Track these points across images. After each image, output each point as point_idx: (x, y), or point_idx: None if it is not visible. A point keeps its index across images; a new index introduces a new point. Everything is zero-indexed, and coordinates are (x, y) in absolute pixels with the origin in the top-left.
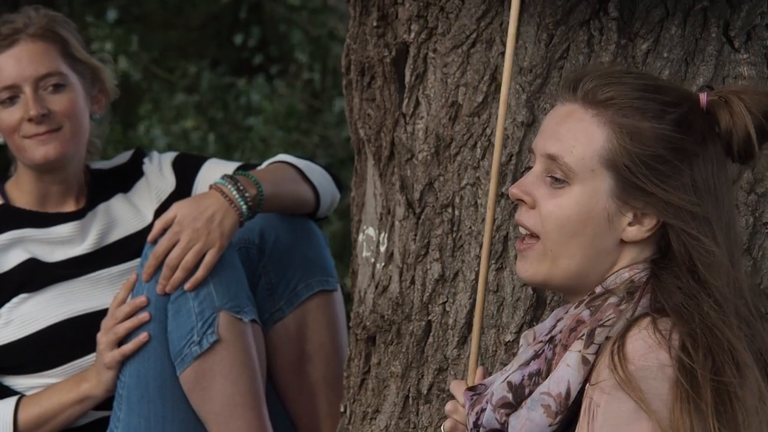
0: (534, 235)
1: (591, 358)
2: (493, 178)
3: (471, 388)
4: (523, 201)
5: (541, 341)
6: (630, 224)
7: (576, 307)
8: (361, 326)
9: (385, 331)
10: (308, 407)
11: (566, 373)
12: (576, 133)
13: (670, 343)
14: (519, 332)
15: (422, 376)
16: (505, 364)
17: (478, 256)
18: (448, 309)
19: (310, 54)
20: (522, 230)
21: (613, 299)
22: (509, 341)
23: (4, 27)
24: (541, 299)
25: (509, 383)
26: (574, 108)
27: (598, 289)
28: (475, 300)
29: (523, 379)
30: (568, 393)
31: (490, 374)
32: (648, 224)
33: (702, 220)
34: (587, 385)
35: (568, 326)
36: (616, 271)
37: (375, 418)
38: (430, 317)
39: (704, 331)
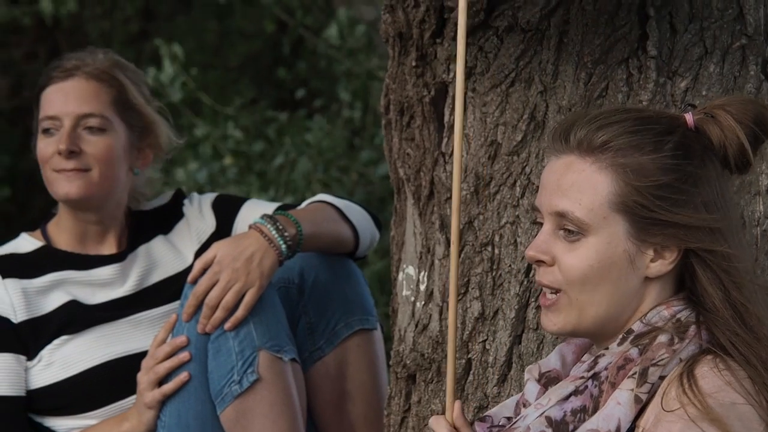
0: (557, 290)
1: (644, 397)
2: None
3: (481, 420)
4: (541, 261)
5: (581, 377)
6: (652, 260)
7: (619, 345)
8: (401, 365)
9: (425, 370)
10: None
11: (617, 411)
12: (580, 186)
13: (745, 385)
14: None
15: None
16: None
17: (518, 294)
18: (488, 347)
19: (352, 92)
20: (546, 289)
21: (662, 338)
22: None
23: (68, 61)
24: None
25: (548, 418)
26: (570, 159)
27: (637, 326)
28: (514, 337)
29: (565, 415)
30: (617, 430)
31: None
32: (670, 256)
33: (719, 236)
34: (642, 423)
35: (615, 363)
36: (654, 308)
37: None
38: (470, 355)
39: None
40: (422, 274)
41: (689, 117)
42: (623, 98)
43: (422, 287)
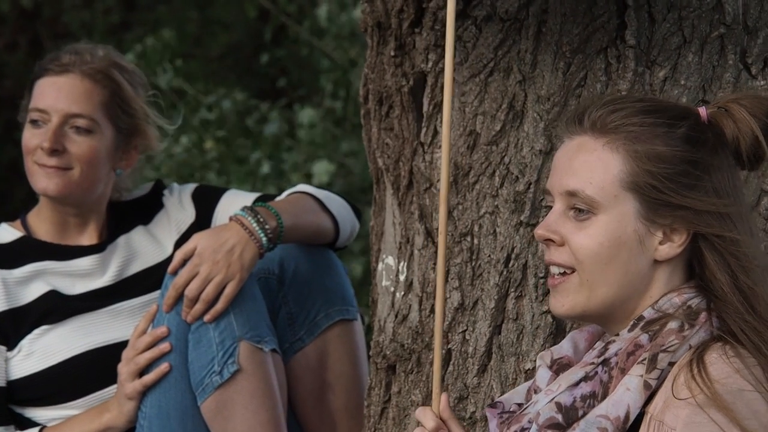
0: (566, 271)
1: (653, 383)
2: (441, 207)
3: (492, 405)
4: (551, 240)
5: (592, 363)
6: (661, 243)
7: (629, 331)
8: (381, 355)
9: (405, 360)
10: None
11: (626, 397)
12: (591, 164)
13: (755, 372)
14: None
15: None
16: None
17: (498, 285)
18: (467, 337)
19: (334, 82)
20: (554, 269)
21: (673, 324)
22: (529, 369)
23: (65, 56)
24: (560, 327)
25: (558, 404)
26: (583, 140)
27: (648, 313)
28: (494, 328)
29: (575, 401)
30: (627, 417)
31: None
32: (678, 239)
33: (729, 222)
34: (650, 409)
35: (625, 349)
36: (665, 295)
37: None
38: (449, 346)
39: None
40: (402, 264)
41: (703, 111)
42: (602, 88)
43: (402, 277)
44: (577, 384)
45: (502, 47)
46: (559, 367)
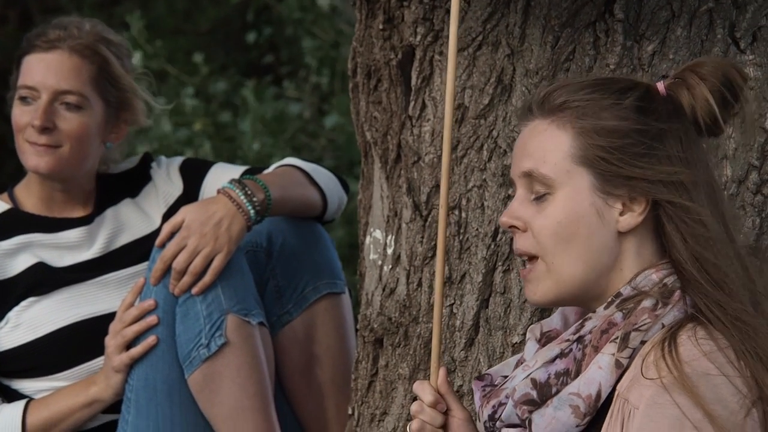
0: (533, 258)
1: (624, 361)
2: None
3: (479, 378)
4: (515, 227)
5: (567, 340)
6: (621, 214)
7: (605, 308)
8: (368, 328)
9: (392, 334)
10: (316, 410)
11: (598, 375)
12: (542, 143)
13: (728, 354)
14: (526, 334)
15: (430, 378)
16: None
17: (485, 258)
18: (455, 311)
19: (319, 59)
20: (523, 258)
21: (647, 302)
22: (516, 343)
23: (52, 31)
24: None
25: (533, 380)
26: (534, 124)
27: (626, 290)
28: (482, 301)
29: (549, 378)
30: (598, 395)
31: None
32: (638, 208)
33: (683, 190)
34: (618, 387)
35: (599, 327)
36: (643, 271)
37: (383, 420)
38: None
39: (746, 341)
40: (389, 237)
41: (660, 85)
42: (590, 62)
43: (389, 251)
44: (552, 360)
45: (490, 21)
46: (547, 340)
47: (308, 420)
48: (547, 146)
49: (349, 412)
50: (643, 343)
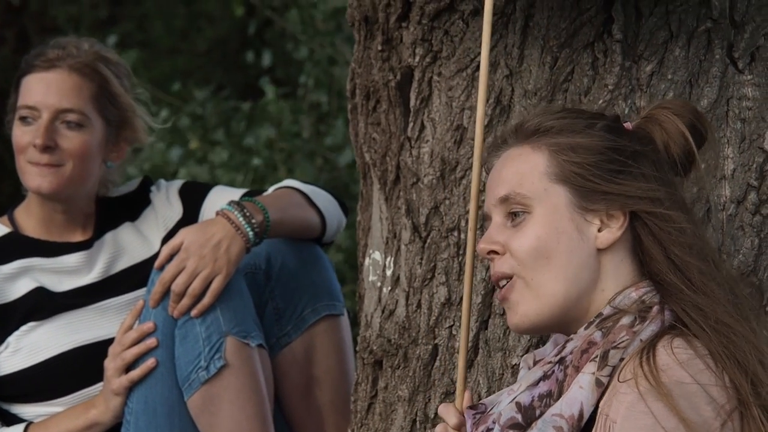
0: (511, 278)
1: (605, 380)
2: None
3: (472, 407)
4: (494, 252)
5: (550, 362)
6: (599, 230)
7: (586, 329)
8: (368, 350)
9: (392, 355)
10: (316, 431)
11: (579, 395)
12: (518, 167)
13: (707, 362)
14: (525, 355)
15: (429, 400)
16: (509, 385)
17: (485, 279)
18: (454, 333)
19: (316, 78)
20: (502, 282)
21: (625, 320)
22: (516, 364)
23: (51, 51)
24: None
25: (518, 404)
26: (508, 152)
27: (606, 310)
28: (481, 323)
29: (533, 400)
30: (581, 415)
31: (480, 397)
32: (616, 224)
33: (659, 204)
34: (600, 405)
35: (579, 348)
36: (623, 290)
37: None
38: (436, 341)
39: (725, 345)
40: (389, 259)
41: (627, 124)
42: (588, 82)
43: (389, 273)
44: (536, 383)
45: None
46: None
47: None
48: (523, 168)
49: None
50: (622, 360)
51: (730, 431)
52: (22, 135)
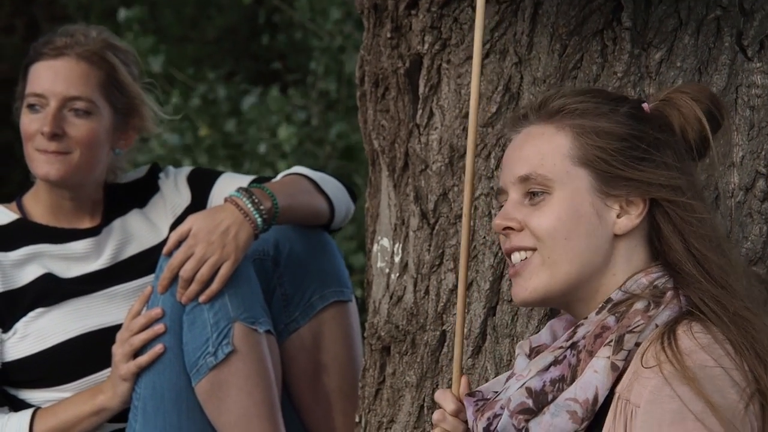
0: (527, 256)
1: (620, 364)
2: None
3: (470, 394)
4: (509, 228)
5: (561, 347)
6: (618, 216)
7: (597, 313)
8: (375, 336)
9: (399, 341)
10: (324, 418)
11: (594, 379)
12: (540, 146)
13: (726, 348)
14: None
15: (437, 385)
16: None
17: (493, 266)
18: None
19: (326, 66)
20: (516, 256)
21: (639, 305)
22: None
23: (59, 39)
24: (555, 309)
25: (528, 389)
26: (529, 129)
27: (616, 295)
28: (489, 309)
29: (544, 385)
30: (595, 399)
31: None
32: (635, 211)
33: (681, 193)
34: (618, 389)
35: (593, 332)
36: (633, 276)
37: (390, 428)
38: (444, 327)
39: (744, 336)
40: (397, 246)
41: (645, 105)
42: (598, 70)
43: (397, 259)
44: (546, 368)
45: (498, 29)
46: (537, 355)
47: (315, 428)
48: (545, 148)
49: (357, 419)
50: (637, 344)
51: (752, 415)
52: (30, 123)
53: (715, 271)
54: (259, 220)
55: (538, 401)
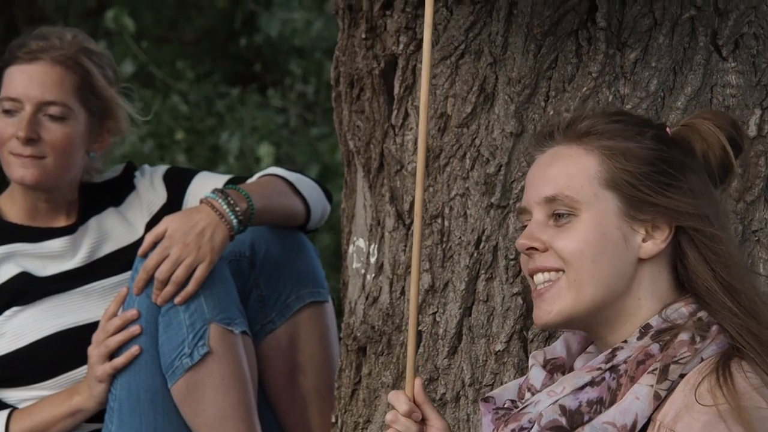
0: (551, 279)
1: (663, 393)
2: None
3: (485, 399)
4: (534, 249)
5: (599, 368)
6: (644, 240)
7: (639, 339)
8: (351, 337)
9: (375, 342)
10: (300, 418)
11: (635, 405)
12: (567, 168)
13: None
14: (509, 342)
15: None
16: (494, 373)
17: (468, 267)
18: (438, 319)
19: (303, 68)
20: (539, 277)
21: (684, 336)
22: (499, 351)
23: (34, 42)
24: (530, 309)
25: (562, 407)
26: (556, 149)
27: (655, 322)
28: (464, 309)
29: (580, 405)
30: (634, 425)
31: (464, 383)
32: (661, 236)
33: (707, 221)
34: (659, 417)
35: (635, 358)
36: (672, 304)
37: (366, 429)
38: (420, 327)
39: None
40: (372, 246)
41: (668, 129)
42: (572, 70)
43: (372, 260)
44: (582, 388)
45: (473, 29)
46: (553, 367)
47: (292, 428)
48: (572, 170)
49: (333, 420)
50: (681, 376)
51: None
52: (5, 127)
53: (745, 301)
54: (234, 221)
55: (573, 420)
